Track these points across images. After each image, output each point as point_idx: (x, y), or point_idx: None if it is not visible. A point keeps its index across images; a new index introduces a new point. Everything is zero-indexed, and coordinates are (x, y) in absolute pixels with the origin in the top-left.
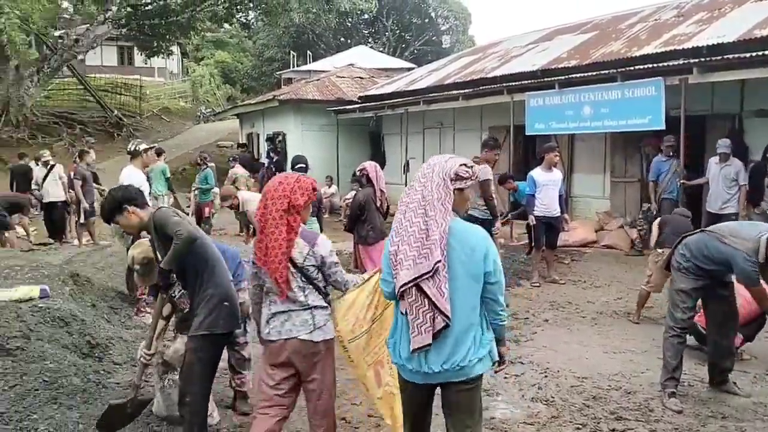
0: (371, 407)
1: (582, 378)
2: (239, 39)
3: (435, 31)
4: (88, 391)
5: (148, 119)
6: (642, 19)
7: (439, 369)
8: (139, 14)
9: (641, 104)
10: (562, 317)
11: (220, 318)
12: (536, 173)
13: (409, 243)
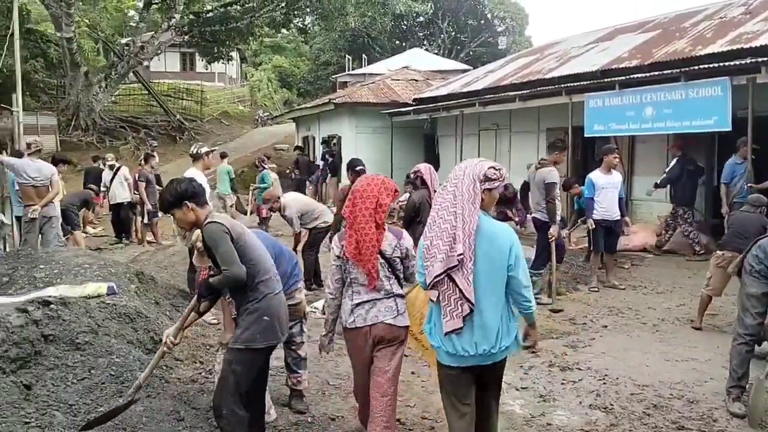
0: (425, 410)
1: (642, 386)
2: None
3: (491, 33)
4: (151, 386)
5: (208, 123)
6: (707, 17)
7: (472, 353)
8: (201, 21)
9: (706, 105)
10: (622, 323)
11: (258, 332)
12: (595, 176)
13: (442, 238)
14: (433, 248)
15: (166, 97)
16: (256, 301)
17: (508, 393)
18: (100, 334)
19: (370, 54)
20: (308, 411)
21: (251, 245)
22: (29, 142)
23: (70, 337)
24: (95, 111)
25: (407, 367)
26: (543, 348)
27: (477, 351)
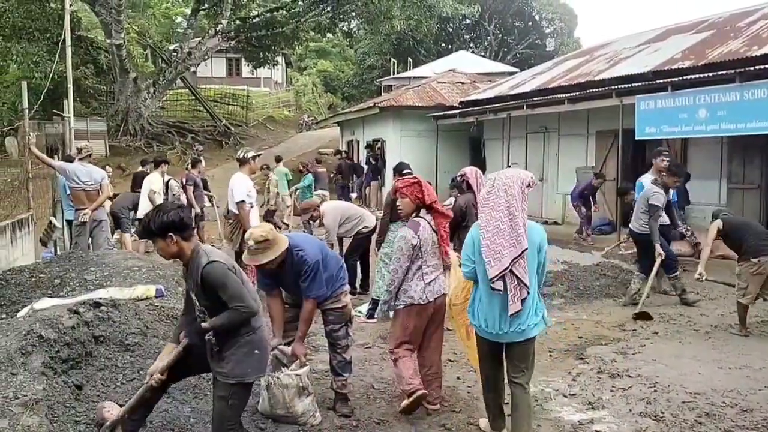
0: (471, 416)
1: (694, 394)
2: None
3: (539, 34)
4: (199, 387)
5: (253, 128)
6: (764, 16)
7: (506, 330)
8: (247, 26)
9: (762, 107)
10: (673, 330)
11: (249, 366)
12: (645, 180)
13: (503, 237)
14: (496, 246)
15: (213, 102)
16: (247, 335)
17: (556, 399)
18: (149, 335)
19: (416, 57)
20: (353, 414)
21: (244, 280)
22: (80, 146)
23: (120, 338)
24: (143, 116)
25: (452, 373)
26: (592, 354)
27: (512, 328)
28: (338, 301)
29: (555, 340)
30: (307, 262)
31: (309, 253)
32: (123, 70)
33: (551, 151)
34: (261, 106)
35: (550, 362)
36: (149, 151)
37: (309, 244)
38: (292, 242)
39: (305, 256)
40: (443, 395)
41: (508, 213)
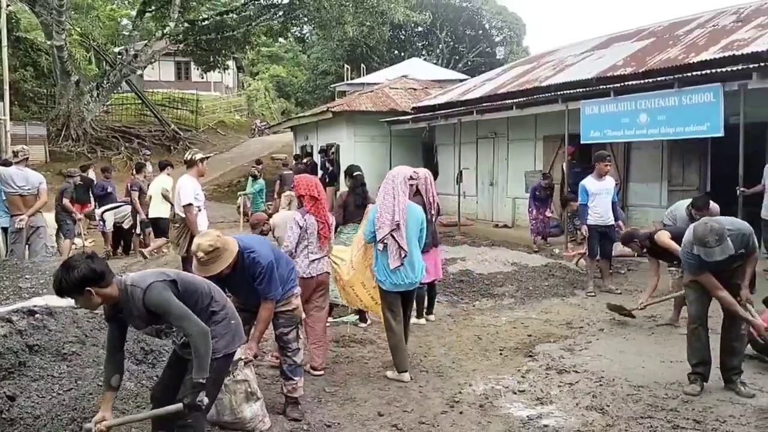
0: (422, 415)
1: (638, 387)
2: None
3: (489, 43)
4: (141, 396)
5: (204, 133)
6: (700, 25)
7: (407, 281)
8: (196, 30)
9: (699, 111)
10: (618, 327)
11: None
12: (588, 182)
13: (387, 212)
14: (381, 218)
15: (161, 106)
16: (220, 310)
17: (506, 396)
18: (88, 344)
19: (369, 64)
20: (304, 418)
21: (188, 281)
22: (16, 150)
23: (57, 347)
24: (86, 120)
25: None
26: (540, 352)
27: (406, 280)
28: (288, 303)
29: (505, 338)
30: (260, 264)
31: (261, 254)
32: (64, 73)
33: (501, 155)
34: (211, 111)
35: (501, 360)
36: (92, 157)
37: (260, 244)
38: (242, 244)
39: (257, 257)
40: (395, 396)
41: (392, 197)
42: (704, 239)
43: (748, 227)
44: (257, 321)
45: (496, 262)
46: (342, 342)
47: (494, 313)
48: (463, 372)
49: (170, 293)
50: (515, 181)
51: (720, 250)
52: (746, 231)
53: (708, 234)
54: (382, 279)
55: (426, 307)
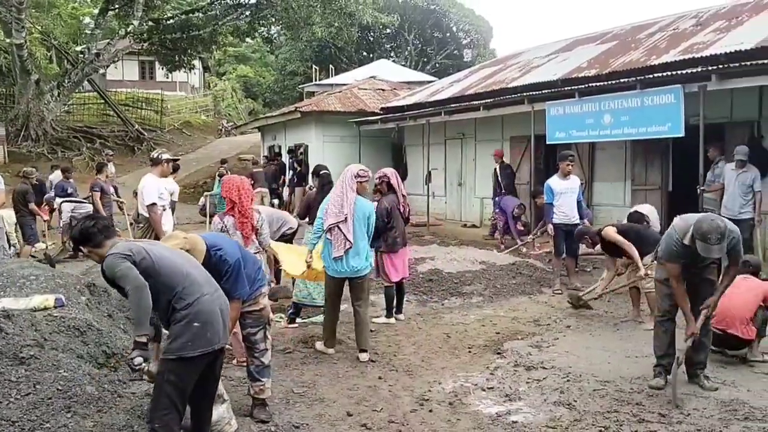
0: (392, 414)
1: (604, 382)
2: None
3: (456, 45)
4: (103, 400)
5: (169, 133)
6: (661, 29)
7: (348, 269)
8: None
9: (661, 112)
10: (585, 324)
11: (189, 340)
12: (553, 182)
13: (335, 206)
14: (330, 210)
15: (124, 106)
16: (182, 309)
17: (475, 393)
18: (47, 348)
19: (337, 65)
20: (271, 420)
21: (159, 258)
22: None
23: (14, 351)
24: (46, 120)
25: (374, 373)
26: (509, 349)
27: (347, 268)
28: (256, 303)
29: (474, 336)
30: (227, 262)
31: (228, 252)
32: (24, 72)
33: (468, 156)
34: (177, 111)
35: (470, 358)
36: (53, 158)
37: (226, 242)
38: (208, 242)
39: (224, 255)
40: (365, 396)
41: (341, 191)
42: (707, 234)
43: (739, 233)
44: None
45: (465, 261)
46: (310, 343)
47: (463, 311)
48: (432, 370)
49: (126, 262)
50: (483, 182)
51: (718, 249)
52: (737, 236)
53: (713, 231)
54: (327, 265)
55: (395, 307)
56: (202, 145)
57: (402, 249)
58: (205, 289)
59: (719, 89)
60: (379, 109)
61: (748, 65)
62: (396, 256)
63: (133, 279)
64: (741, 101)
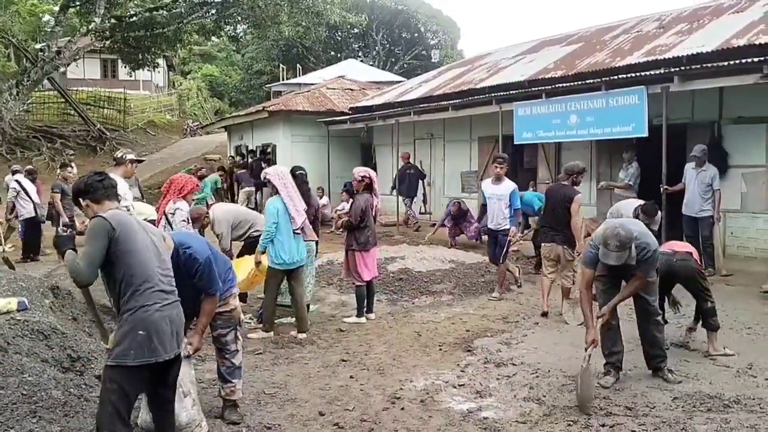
0: (364, 413)
1: (573, 377)
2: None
3: (424, 46)
4: (69, 404)
5: (132, 133)
6: (625, 31)
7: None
8: (124, 26)
9: (625, 112)
10: (553, 320)
11: (132, 348)
12: (484, 184)
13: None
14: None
15: (86, 105)
16: (129, 313)
17: (446, 390)
18: (10, 352)
19: (305, 64)
20: (243, 421)
21: (132, 249)
22: None
23: None
24: (5, 120)
25: (346, 372)
26: (479, 346)
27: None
28: (226, 304)
29: (444, 334)
30: (197, 260)
31: (197, 250)
32: None
33: (437, 156)
34: (140, 110)
35: (440, 356)
36: (12, 158)
37: (195, 240)
38: (177, 241)
39: (194, 253)
40: (337, 395)
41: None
42: (607, 240)
43: (655, 245)
44: (200, 314)
45: (435, 260)
46: (281, 343)
47: (433, 309)
48: (403, 368)
49: (100, 235)
50: (452, 181)
51: (616, 256)
52: (652, 248)
53: (612, 238)
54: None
55: (366, 306)
56: (166, 144)
57: (373, 248)
58: (164, 299)
59: (681, 90)
60: (347, 108)
61: (709, 67)
62: (368, 255)
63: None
64: (702, 102)
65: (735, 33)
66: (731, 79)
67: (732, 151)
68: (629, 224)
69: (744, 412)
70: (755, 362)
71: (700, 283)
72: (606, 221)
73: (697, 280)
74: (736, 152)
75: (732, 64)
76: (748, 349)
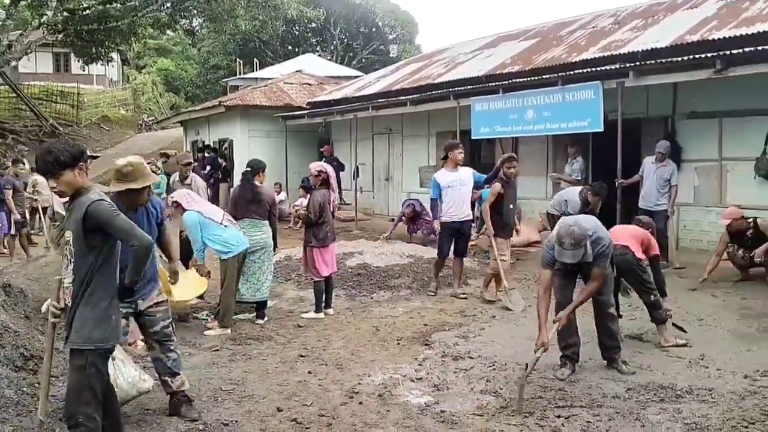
0: (322, 408)
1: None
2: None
3: (382, 41)
4: (22, 404)
5: (86, 128)
6: (581, 27)
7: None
8: (77, 19)
9: (581, 107)
10: (509, 314)
11: (108, 330)
12: (440, 175)
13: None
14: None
15: (38, 100)
16: (108, 295)
17: (404, 384)
18: None
19: (262, 59)
20: (200, 418)
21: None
22: None
23: None
24: None
25: (304, 367)
26: (436, 340)
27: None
28: (161, 294)
29: (402, 328)
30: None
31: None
32: None
33: (396, 151)
34: (94, 105)
35: (399, 350)
36: None
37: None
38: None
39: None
40: (295, 391)
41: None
42: (562, 239)
43: (609, 238)
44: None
45: (393, 255)
46: (238, 340)
47: (391, 304)
48: (362, 363)
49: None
50: (410, 177)
51: (571, 254)
52: (606, 242)
53: (567, 236)
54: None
55: (324, 301)
56: (121, 140)
57: (332, 244)
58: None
59: (636, 86)
60: (305, 103)
61: (663, 63)
62: (326, 251)
63: (139, 233)
64: (656, 97)
65: (689, 29)
66: (685, 74)
67: (685, 145)
68: (582, 221)
69: (696, 401)
70: (707, 353)
71: (641, 276)
72: (561, 220)
73: (637, 273)
74: (689, 147)
75: (686, 59)
76: (700, 340)
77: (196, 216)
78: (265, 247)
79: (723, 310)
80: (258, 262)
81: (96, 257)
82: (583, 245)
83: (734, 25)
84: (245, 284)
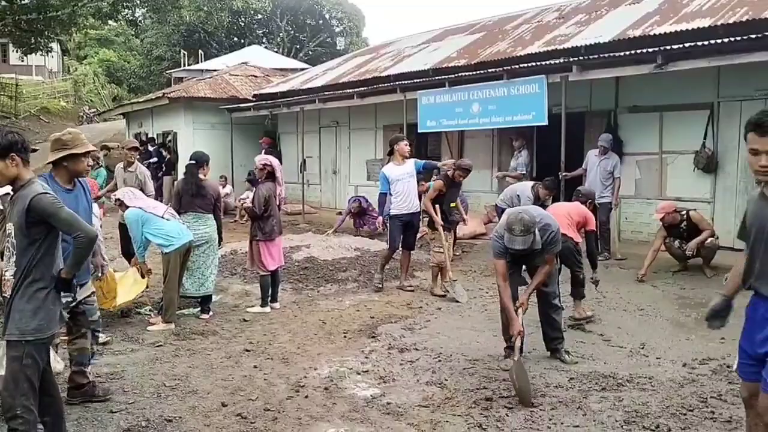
0: (267, 402)
1: (474, 360)
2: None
3: (329, 33)
4: None
5: (24, 120)
6: (526, 21)
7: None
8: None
9: (526, 101)
10: (454, 305)
11: (46, 321)
12: (388, 169)
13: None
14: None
15: None
16: (46, 286)
17: (350, 377)
18: None
19: (207, 50)
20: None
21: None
22: None
23: None
24: None
25: (249, 362)
26: (383, 332)
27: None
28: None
29: (349, 321)
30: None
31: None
32: None
33: (343, 144)
34: (33, 96)
35: (345, 343)
36: None
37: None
38: None
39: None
40: (240, 386)
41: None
42: (512, 226)
43: (557, 226)
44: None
45: (340, 248)
46: (182, 335)
47: (338, 297)
48: (308, 356)
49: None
50: (357, 170)
51: (522, 240)
52: (554, 228)
53: (516, 223)
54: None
55: (270, 295)
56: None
57: (278, 237)
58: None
59: (579, 80)
60: (251, 96)
61: (606, 57)
62: (273, 244)
63: (84, 225)
64: (599, 92)
65: (631, 24)
66: (627, 69)
67: (627, 138)
68: (530, 209)
69: (636, 390)
70: (647, 342)
71: (576, 258)
72: (507, 211)
73: (575, 256)
74: (630, 140)
75: (628, 54)
76: (641, 329)
77: (138, 212)
78: (210, 241)
79: (662, 300)
80: (203, 256)
81: (37, 249)
82: (532, 231)
83: (675, 21)
84: (190, 278)
